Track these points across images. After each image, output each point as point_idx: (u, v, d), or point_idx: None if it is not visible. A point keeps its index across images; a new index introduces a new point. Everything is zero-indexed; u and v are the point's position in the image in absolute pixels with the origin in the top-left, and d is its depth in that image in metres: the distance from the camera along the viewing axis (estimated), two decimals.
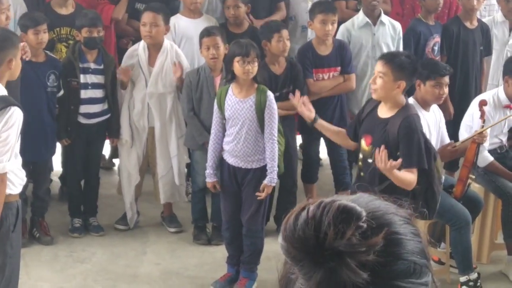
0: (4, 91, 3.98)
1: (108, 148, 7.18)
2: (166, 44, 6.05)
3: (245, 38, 5.56)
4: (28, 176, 4.82)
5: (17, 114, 3.87)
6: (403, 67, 4.70)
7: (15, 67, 4.12)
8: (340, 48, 6.38)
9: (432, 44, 6.92)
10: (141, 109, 6.08)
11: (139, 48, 6.08)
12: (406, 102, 4.84)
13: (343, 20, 6.74)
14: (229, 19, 6.63)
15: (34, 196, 6.00)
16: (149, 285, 5.41)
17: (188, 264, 5.72)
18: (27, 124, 4.22)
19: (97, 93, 6.04)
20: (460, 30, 7.01)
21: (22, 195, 4.71)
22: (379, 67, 4.73)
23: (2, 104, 3.84)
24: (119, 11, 6.77)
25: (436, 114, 5.40)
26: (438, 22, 7.12)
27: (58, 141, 6.11)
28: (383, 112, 4.80)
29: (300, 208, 1.21)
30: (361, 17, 6.70)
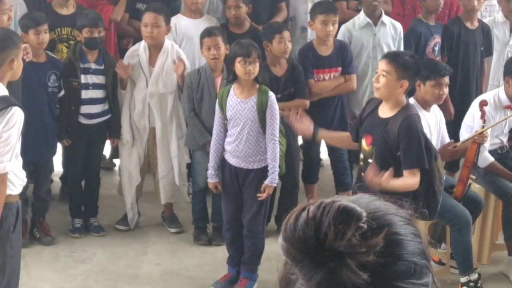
0: (5, 91, 3.98)
1: (109, 149, 7.18)
2: (167, 44, 6.05)
3: (246, 39, 5.56)
4: (29, 177, 4.82)
5: (18, 114, 3.86)
6: (407, 67, 4.70)
7: (17, 68, 4.12)
8: (341, 49, 6.38)
9: (433, 45, 6.92)
10: (142, 109, 6.08)
11: (140, 48, 6.08)
12: (407, 102, 4.84)
13: (344, 21, 6.73)
14: (230, 20, 6.63)
15: (35, 197, 6.00)
16: (150, 286, 5.41)
17: (189, 265, 5.72)
18: (28, 125, 4.21)
19: (98, 94, 6.04)
20: (461, 31, 7.01)
21: (23, 196, 4.71)
22: (383, 66, 4.72)
23: (3, 104, 3.83)
24: (118, 13, 6.75)
25: (437, 115, 5.40)
26: (439, 23, 7.12)
27: (59, 142, 6.11)
28: (384, 112, 4.80)
29: (301, 209, 1.21)
30: (362, 18, 6.69)
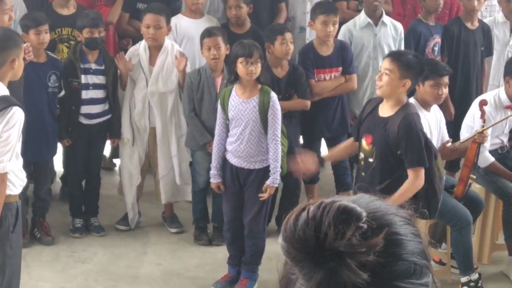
0: (6, 91, 3.98)
1: (109, 149, 7.18)
2: (167, 44, 6.05)
3: (247, 39, 5.56)
4: (29, 177, 4.82)
5: (19, 114, 3.86)
6: (410, 66, 4.70)
7: (18, 67, 4.11)
8: (342, 49, 6.38)
9: (432, 45, 6.91)
10: (142, 109, 6.08)
11: (140, 48, 6.08)
12: (407, 101, 4.84)
13: (344, 21, 6.73)
14: (231, 20, 6.62)
15: (35, 197, 6.00)
16: (150, 286, 5.40)
17: (189, 265, 5.72)
18: (28, 125, 4.21)
19: (98, 94, 6.04)
20: (461, 31, 7.01)
21: (23, 196, 4.71)
22: (386, 64, 4.73)
23: (4, 104, 3.83)
24: (114, 15, 6.71)
25: (437, 114, 5.40)
26: (439, 23, 7.12)
27: (59, 142, 6.11)
28: (384, 111, 4.80)
29: (301, 209, 1.21)
30: (363, 18, 6.69)
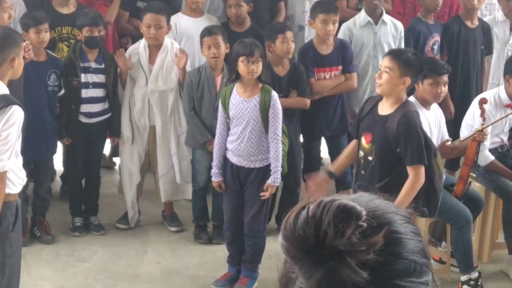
0: (6, 90, 3.98)
1: (108, 147, 7.18)
2: (167, 42, 6.05)
3: (247, 37, 5.55)
4: (29, 175, 4.82)
5: (18, 113, 3.86)
6: (410, 64, 4.70)
7: (18, 66, 4.11)
8: (341, 47, 6.38)
9: (432, 43, 6.91)
10: (142, 107, 6.08)
11: (140, 47, 6.08)
12: (406, 99, 4.84)
13: (344, 19, 6.73)
14: (231, 18, 6.62)
15: (35, 195, 6.00)
16: (150, 284, 5.41)
17: (189, 263, 5.72)
18: (28, 123, 4.21)
19: (98, 92, 6.04)
20: (461, 29, 7.01)
21: (23, 194, 4.71)
22: (386, 62, 4.73)
23: (3, 103, 3.83)
24: (111, 14, 6.70)
25: (437, 113, 5.40)
26: (438, 21, 7.12)
27: (59, 140, 6.11)
28: (383, 109, 4.80)
29: (300, 207, 1.21)
30: (363, 16, 6.69)
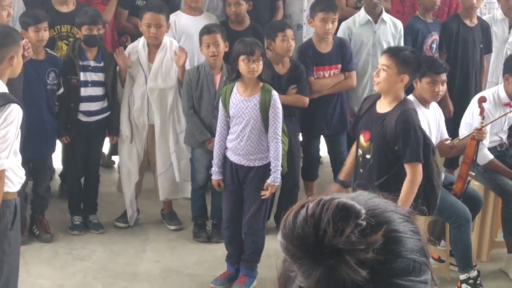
0: (5, 88, 3.97)
1: (108, 146, 7.17)
2: (166, 41, 6.05)
3: (247, 36, 5.55)
4: (28, 174, 4.81)
5: (17, 111, 3.85)
6: (408, 62, 4.70)
7: (17, 65, 4.11)
8: (341, 46, 6.38)
9: (430, 42, 6.91)
10: (141, 106, 6.08)
11: (139, 45, 6.08)
12: (404, 97, 4.83)
13: (343, 18, 6.73)
14: (230, 17, 6.62)
15: (34, 194, 6.00)
16: (149, 283, 5.41)
17: (188, 262, 5.72)
18: (27, 122, 4.21)
19: (97, 91, 6.04)
20: (460, 28, 7.01)
21: (22, 193, 4.71)
22: (384, 60, 4.73)
23: (2, 101, 3.82)
24: (108, 13, 6.69)
25: (436, 112, 5.40)
26: (437, 20, 7.11)
27: (58, 139, 6.11)
28: (382, 107, 4.79)
29: (300, 206, 1.21)
30: (362, 15, 6.69)
